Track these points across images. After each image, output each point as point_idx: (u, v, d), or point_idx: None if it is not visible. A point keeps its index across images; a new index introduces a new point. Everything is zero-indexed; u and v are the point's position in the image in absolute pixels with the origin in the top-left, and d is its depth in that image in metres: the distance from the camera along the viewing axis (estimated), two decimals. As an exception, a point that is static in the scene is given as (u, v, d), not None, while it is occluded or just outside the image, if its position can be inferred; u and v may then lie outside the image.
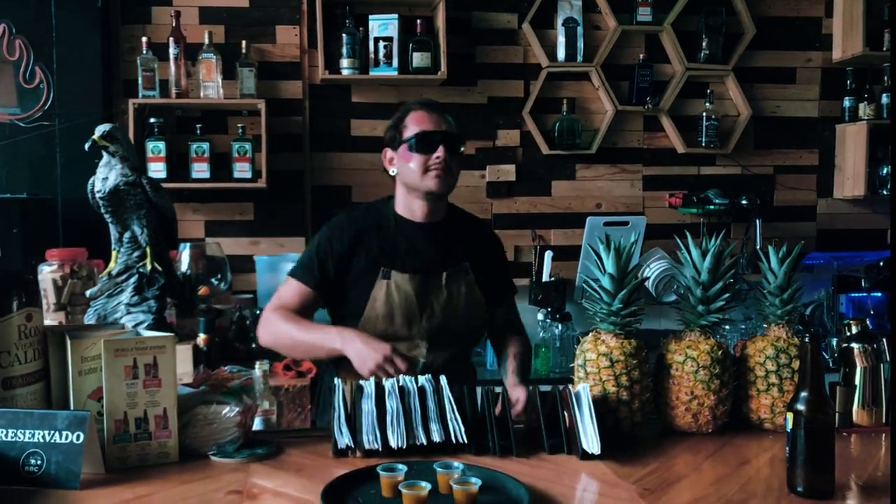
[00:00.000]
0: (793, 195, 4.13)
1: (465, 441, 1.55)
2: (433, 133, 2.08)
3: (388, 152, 2.19)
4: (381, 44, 3.61)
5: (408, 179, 2.12)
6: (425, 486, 1.25)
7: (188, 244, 3.15)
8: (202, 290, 3.16)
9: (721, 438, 1.67)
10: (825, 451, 1.34)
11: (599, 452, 1.50)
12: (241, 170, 3.52)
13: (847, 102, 4.08)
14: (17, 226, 2.94)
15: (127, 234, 2.56)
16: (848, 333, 1.78)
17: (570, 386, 1.63)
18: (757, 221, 3.90)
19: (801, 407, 1.35)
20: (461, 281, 2.16)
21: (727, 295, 1.70)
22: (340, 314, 2.20)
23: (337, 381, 1.62)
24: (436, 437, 1.54)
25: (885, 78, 4.03)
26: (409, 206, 2.17)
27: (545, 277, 3.79)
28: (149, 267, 2.62)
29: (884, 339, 1.74)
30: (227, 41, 3.62)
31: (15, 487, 1.34)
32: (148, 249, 2.55)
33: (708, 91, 3.97)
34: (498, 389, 1.79)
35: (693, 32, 3.95)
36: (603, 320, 1.68)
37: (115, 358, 1.44)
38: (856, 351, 1.76)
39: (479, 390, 1.66)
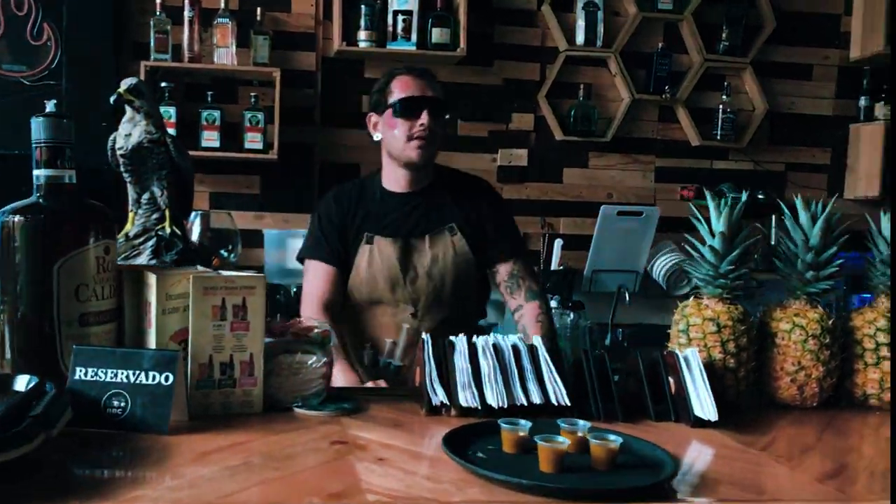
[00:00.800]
0: (803, 193, 4.14)
1: (568, 403, 1.47)
2: (418, 99, 2.09)
3: (373, 117, 2.23)
4: (400, 17, 3.54)
5: (391, 146, 2.15)
6: (563, 441, 1.17)
7: (199, 213, 3.03)
8: (214, 261, 3.06)
9: (827, 413, 1.61)
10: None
11: (717, 419, 1.43)
12: (253, 140, 3.42)
13: (863, 102, 4.11)
14: (24, 184, 2.78)
15: (146, 196, 2.45)
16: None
17: (675, 350, 1.56)
18: (773, 217, 3.90)
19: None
20: (446, 243, 2.17)
21: (840, 261, 1.65)
22: None
23: (426, 336, 1.54)
24: (535, 399, 1.47)
25: (902, 78, 4.07)
26: (393, 177, 2.21)
27: (553, 266, 3.73)
28: (168, 230, 2.50)
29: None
30: (242, 8, 3.51)
31: (97, 430, 1.23)
32: (167, 212, 2.44)
33: (725, 84, 3.97)
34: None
35: (712, 23, 3.94)
36: (708, 284, 1.62)
37: (203, 296, 1.34)
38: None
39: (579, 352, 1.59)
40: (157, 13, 3.30)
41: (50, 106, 1.40)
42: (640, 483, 1.11)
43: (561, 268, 3.73)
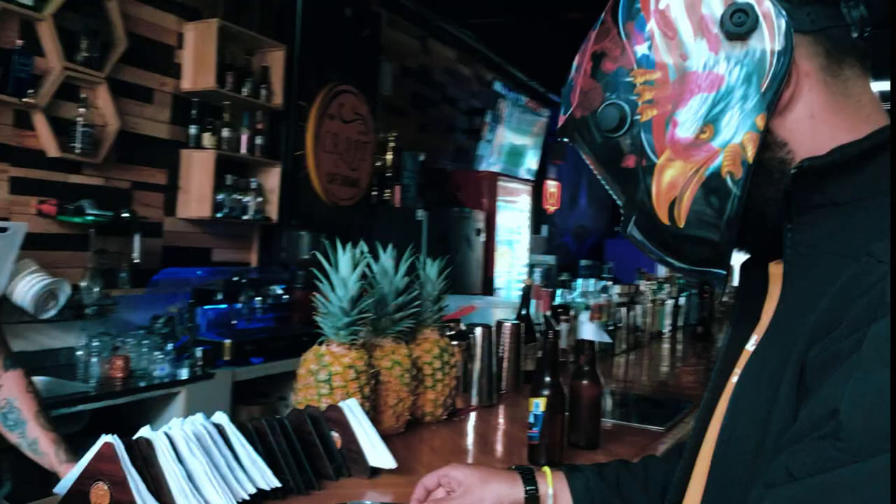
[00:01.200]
0: (147, 211, 4.03)
1: (278, 484, 1.20)
2: None
3: None
4: None
5: None
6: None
7: None
8: None
9: (412, 434, 1.69)
10: (562, 426, 1.55)
11: (396, 465, 1.37)
12: None
13: (193, 130, 4.20)
14: None
15: None
16: (449, 333, 2.01)
17: (339, 403, 1.41)
18: (137, 236, 3.68)
19: (547, 392, 1.53)
20: None
21: (418, 302, 1.73)
22: None
23: (115, 440, 1.04)
24: (250, 488, 1.16)
25: (224, 114, 4.29)
26: None
27: None
28: None
29: (470, 336, 2.03)
30: None
31: None
32: None
33: (82, 96, 3.57)
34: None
35: (73, 31, 3.49)
36: (339, 331, 1.51)
37: None
38: (454, 348, 1.99)
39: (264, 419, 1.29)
40: None
41: None
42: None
43: None
